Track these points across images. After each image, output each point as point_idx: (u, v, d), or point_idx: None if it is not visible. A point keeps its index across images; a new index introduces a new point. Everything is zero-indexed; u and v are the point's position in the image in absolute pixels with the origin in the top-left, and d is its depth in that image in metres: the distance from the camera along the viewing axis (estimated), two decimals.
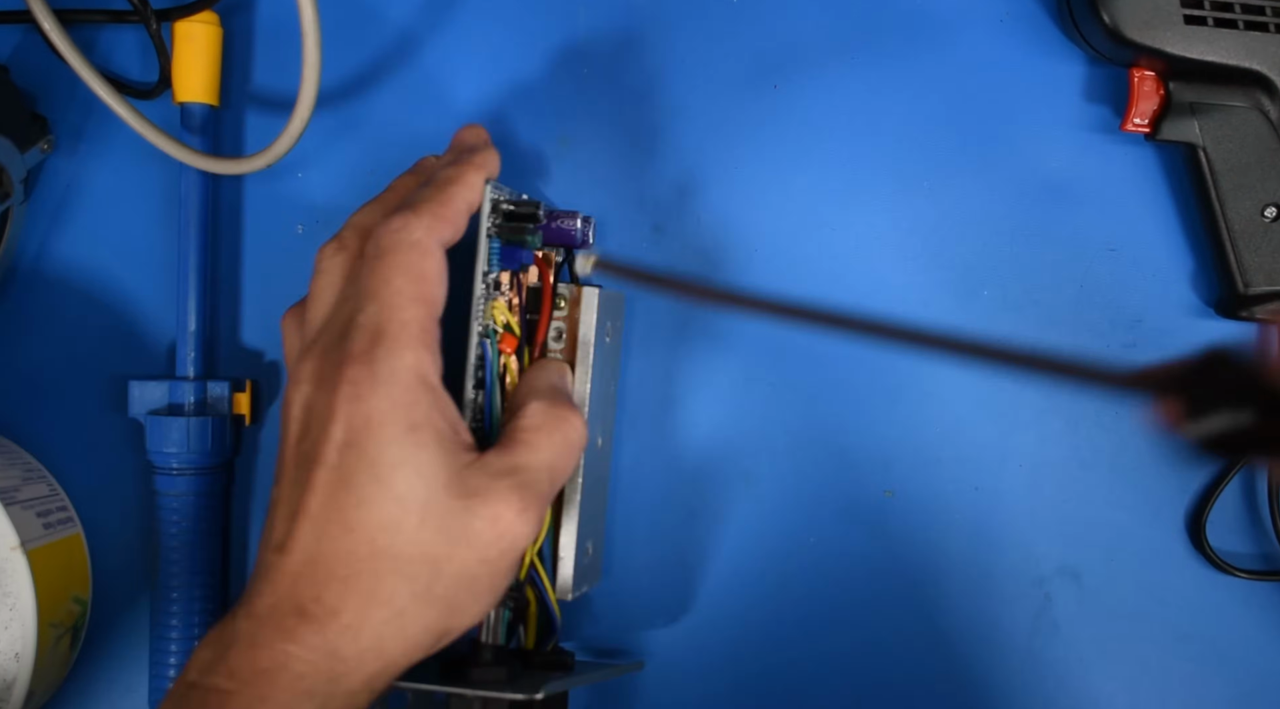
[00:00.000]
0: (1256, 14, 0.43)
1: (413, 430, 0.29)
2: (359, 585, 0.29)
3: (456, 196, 0.32)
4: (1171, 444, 0.28)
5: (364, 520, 0.29)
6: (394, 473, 0.29)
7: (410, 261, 0.30)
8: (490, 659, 0.37)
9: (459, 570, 0.30)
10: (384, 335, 0.29)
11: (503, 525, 0.30)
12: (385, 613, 0.29)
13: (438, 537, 0.29)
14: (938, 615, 0.46)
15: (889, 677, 0.46)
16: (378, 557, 0.29)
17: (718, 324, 0.46)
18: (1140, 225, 0.47)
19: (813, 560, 0.46)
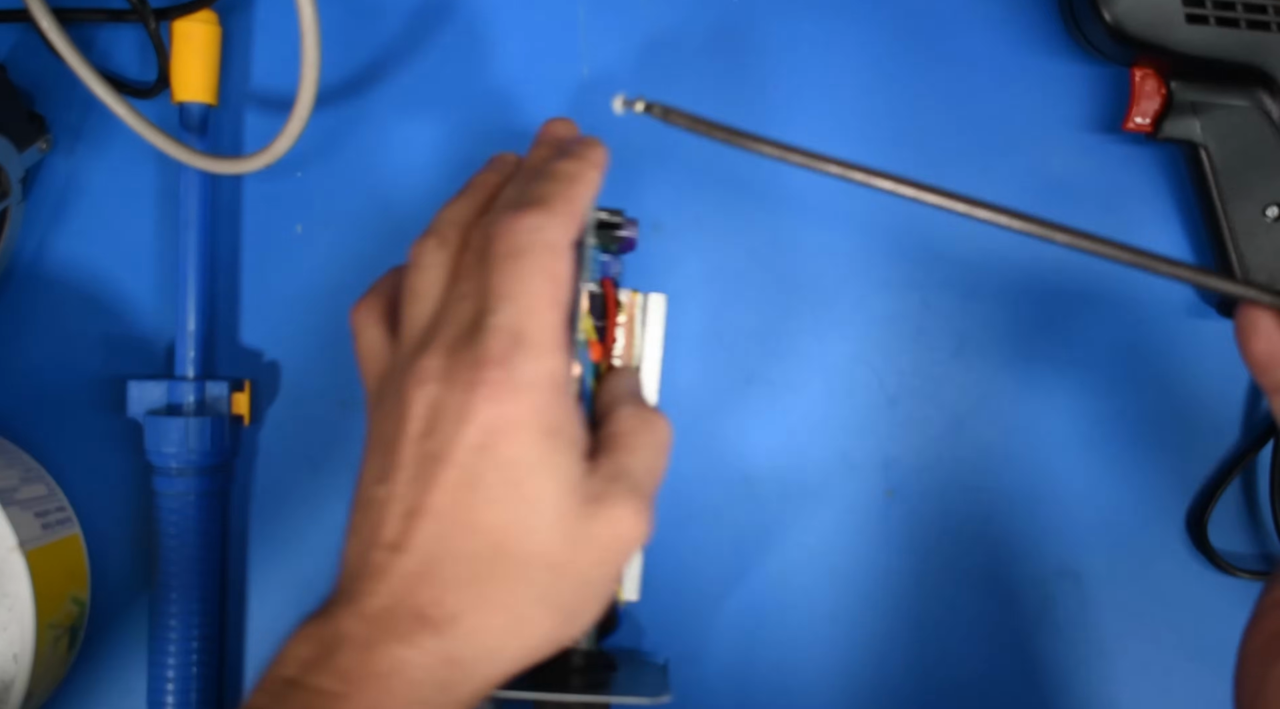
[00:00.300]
0: (1258, 12, 0.43)
1: (549, 435, 0.29)
2: (482, 589, 0.28)
3: (582, 197, 0.32)
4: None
5: (493, 523, 0.29)
6: (530, 476, 0.29)
7: (547, 263, 0.30)
8: (583, 664, 0.37)
9: (579, 575, 0.30)
10: (524, 339, 0.29)
11: (622, 528, 0.30)
12: (506, 618, 0.29)
13: (564, 540, 0.29)
14: (938, 615, 0.46)
15: (889, 676, 0.46)
16: (505, 560, 0.29)
17: (717, 324, 0.46)
18: (1141, 225, 0.47)
19: (813, 560, 0.46)
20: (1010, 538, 0.46)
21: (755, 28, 0.46)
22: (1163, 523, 0.47)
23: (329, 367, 0.45)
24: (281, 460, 0.45)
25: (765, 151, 0.30)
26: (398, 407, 0.30)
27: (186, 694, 0.42)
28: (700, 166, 0.46)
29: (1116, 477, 0.47)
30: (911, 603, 0.46)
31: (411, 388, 0.30)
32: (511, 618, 0.29)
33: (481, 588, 0.29)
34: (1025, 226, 0.31)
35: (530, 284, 0.29)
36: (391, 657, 0.28)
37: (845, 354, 0.46)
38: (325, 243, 0.45)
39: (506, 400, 0.28)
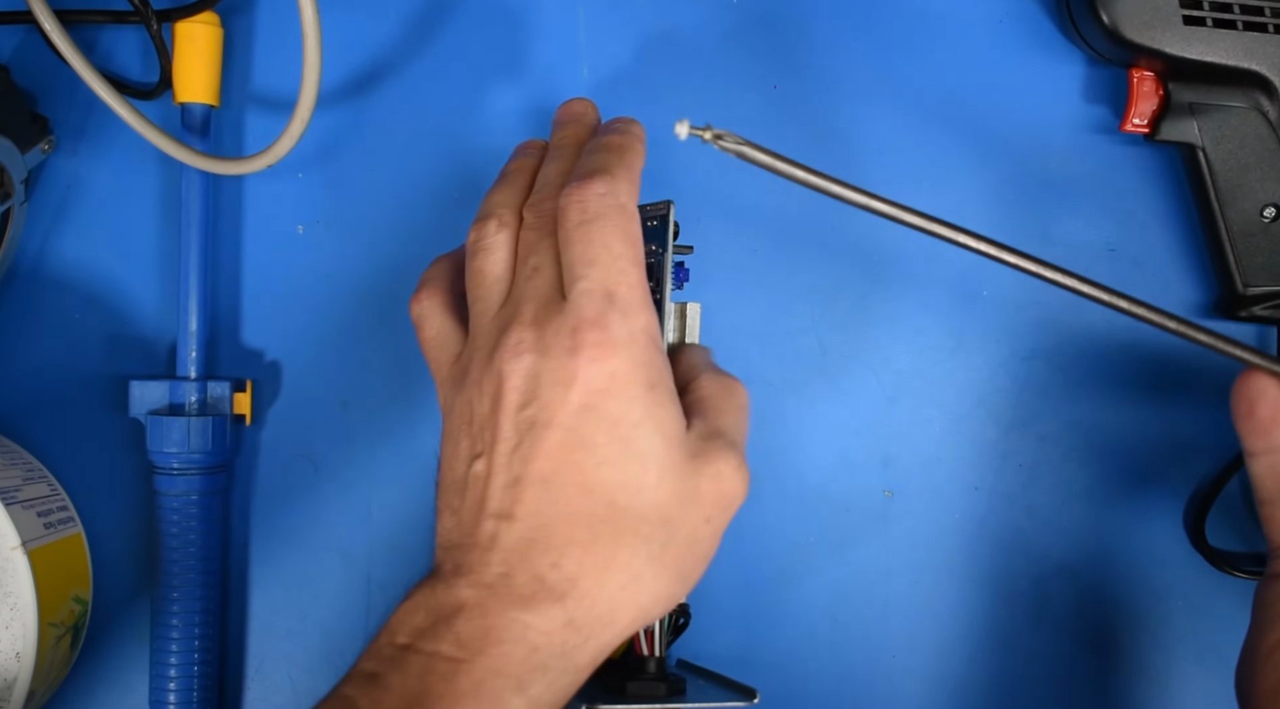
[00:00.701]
0: (1255, 14, 0.43)
1: (651, 388, 0.30)
2: (598, 550, 0.29)
3: (636, 166, 0.33)
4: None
5: (605, 480, 0.29)
6: (636, 431, 0.29)
7: (623, 225, 0.31)
8: (655, 672, 0.38)
9: (690, 532, 0.30)
10: (616, 298, 0.30)
11: (725, 483, 0.30)
12: (623, 577, 0.29)
13: (673, 495, 0.29)
14: (938, 615, 0.46)
15: (888, 676, 0.46)
16: (618, 518, 0.29)
17: (717, 324, 0.46)
18: (1140, 225, 0.47)
19: (813, 560, 0.46)
20: (1009, 537, 0.46)
21: (755, 27, 0.46)
22: (1162, 522, 0.47)
23: (330, 367, 0.45)
24: (282, 460, 0.45)
25: (850, 199, 0.30)
26: (492, 383, 0.30)
27: (188, 693, 0.42)
28: (701, 163, 0.46)
29: (1115, 476, 0.47)
30: (911, 602, 0.46)
31: (506, 362, 0.30)
32: (628, 577, 0.29)
33: (598, 548, 0.29)
34: (1075, 285, 0.31)
35: (612, 246, 0.30)
36: (512, 622, 0.28)
37: (845, 354, 0.46)
38: (326, 243, 0.45)
39: (609, 359, 0.29)
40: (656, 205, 0.39)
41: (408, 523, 0.45)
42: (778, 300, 0.46)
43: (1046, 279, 0.31)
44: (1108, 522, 0.47)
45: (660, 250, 0.38)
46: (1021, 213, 0.47)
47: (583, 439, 0.29)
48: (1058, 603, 0.46)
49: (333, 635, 0.45)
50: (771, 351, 0.46)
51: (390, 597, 0.45)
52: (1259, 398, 0.34)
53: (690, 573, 0.31)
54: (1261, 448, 0.34)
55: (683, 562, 0.30)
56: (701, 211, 0.46)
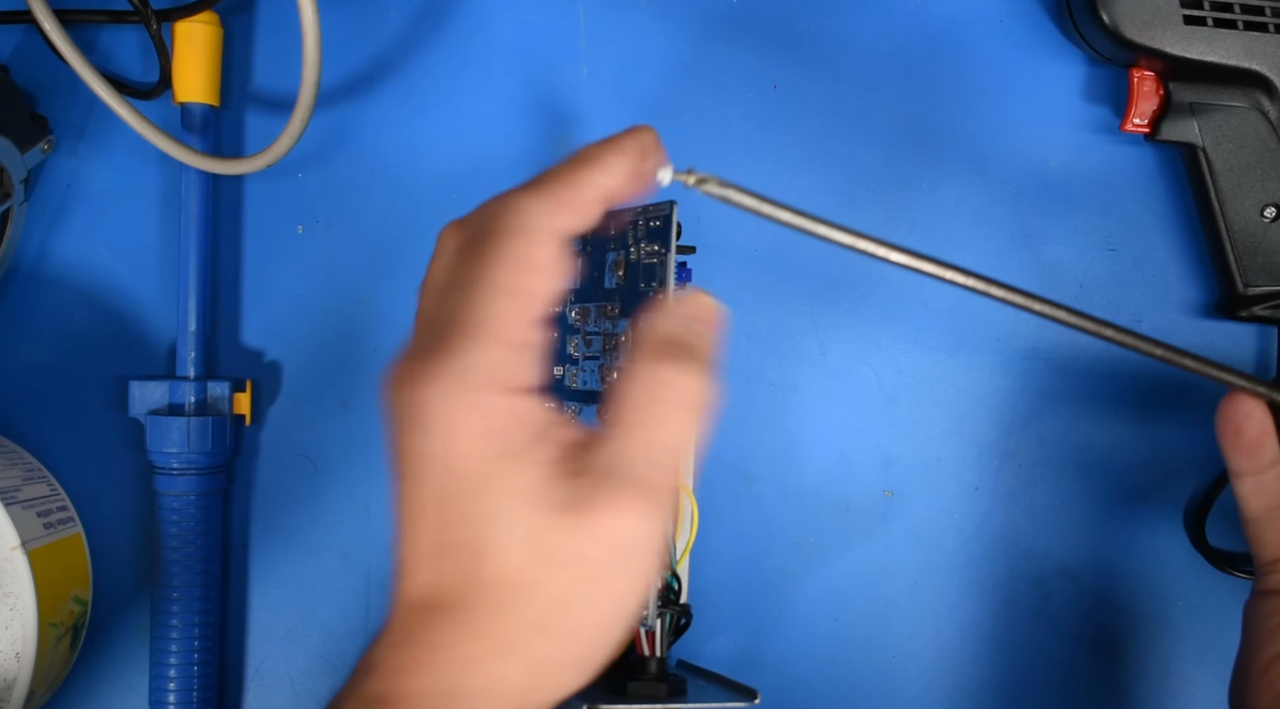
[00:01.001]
0: (1256, 14, 0.43)
1: (495, 439, 0.26)
2: (465, 616, 0.26)
3: (587, 180, 0.28)
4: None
5: (457, 543, 0.26)
6: (482, 487, 0.25)
7: (513, 248, 0.26)
8: (656, 672, 0.38)
9: (559, 596, 0.26)
10: (464, 330, 0.26)
11: (616, 535, 0.25)
12: (495, 645, 0.25)
13: (540, 560, 0.25)
14: (937, 615, 0.46)
15: (889, 676, 0.46)
16: (479, 585, 0.26)
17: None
18: (1140, 225, 0.47)
19: (813, 560, 0.46)
20: (1009, 537, 0.46)
21: (755, 27, 0.46)
22: (1162, 522, 0.47)
23: (330, 366, 0.45)
24: (282, 460, 0.45)
25: (836, 239, 0.29)
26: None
27: (188, 693, 0.42)
28: (701, 163, 0.46)
29: (1116, 476, 0.47)
30: (911, 602, 0.46)
31: (384, 394, 0.27)
32: (502, 645, 0.26)
33: (465, 615, 0.26)
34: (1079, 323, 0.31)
35: (488, 271, 0.26)
36: (400, 687, 0.26)
37: (845, 354, 0.46)
38: (326, 243, 0.45)
39: (438, 403, 0.25)
40: (659, 205, 0.39)
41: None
42: (778, 300, 0.46)
43: (1034, 311, 0.31)
44: (1108, 522, 0.47)
45: (663, 251, 0.38)
46: (1022, 213, 0.47)
47: (431, 495, 0.26)
48: (1058, 603, 0.46)
49: (333, 635, 0.45)
50: (771, 351, 0.46)
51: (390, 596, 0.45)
52: (1245, 419, 0.34)
53: (596, 633, 0.26)
54: (1248, 468, 0.35)
55: (579, 626, 0.26)
56: (703, 211, 0.46)
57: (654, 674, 0.38)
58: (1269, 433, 0.34)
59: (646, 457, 0.26)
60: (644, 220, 0.39)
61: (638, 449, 0.26)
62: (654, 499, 0.26)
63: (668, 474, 0.27)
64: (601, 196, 0.28)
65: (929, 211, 0.46)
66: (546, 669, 0.26)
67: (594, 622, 0.26)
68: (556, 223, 0.27)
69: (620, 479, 0.26)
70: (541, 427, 0.26)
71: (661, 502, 0.26)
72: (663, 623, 0.38)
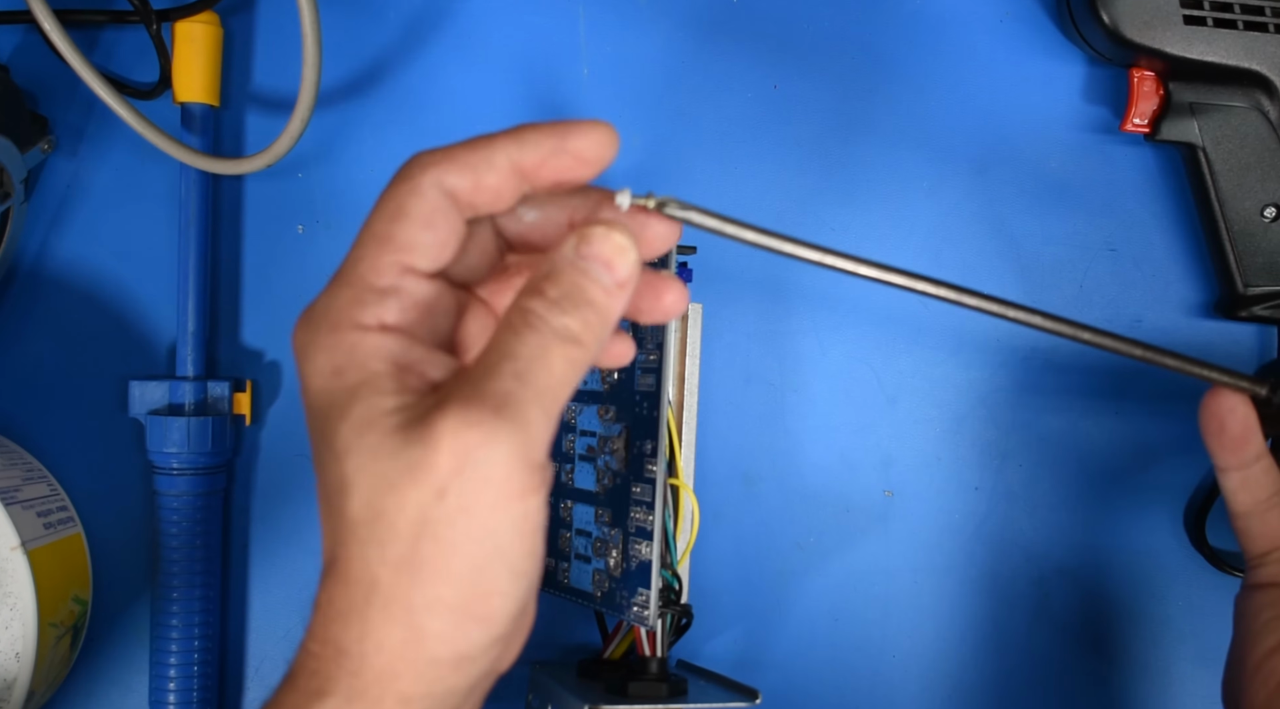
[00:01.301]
0: (1256, 14, 0.43)
1: (339, 374, 0.25)
2: (340, 566, 0.25)
3: (496, 146, 0.26)
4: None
5: (328, 487, 0.25)
6: (337, 422, 0.25)
7: (392, 197, 0.26)
8: (657, 672, 0.38)
9: (426, 518, 0.24)
10: (334, 275, 0.26)
11: (461, 446, 0.23)
12: (365, 593, 0.24)
13: (388, 485, 0.24)
14: (937, 615, 0.46)
15: (889, 676, 0.46)
16: (346, 528, 0.24)
17: (717, 324, 0.46)
18: (1140, 225, 0.47)
19: (813, 560, 0.46)
20: (1009, 537, 0.46)
21: (754, 26, 0.46)
22: (1162, 522, 0.47)
23: None
24: (282, 460, 0.45)
25: (803, 256, 0.28)
26: None
27: (188, 693, 0.42)
28: (701, 163, 0.46)
29: (1115, 476, 0.47)
30: (911, 602, 0.46)
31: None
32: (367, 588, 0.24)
33: (340, 567, 0.24)
34: (1054, 326, 0.31)
35: (369, 219, 0.27)
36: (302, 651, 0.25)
37: (845, 354, 0.46)
38: (326, 243, 0.45)
39: (306, 344, 0.26)
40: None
41: None
42: (778, 300, 0.46)
43: (1009, 318, 0.30)
44: (1107, 522, 0.47)
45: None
46: (1022, 212, 0.47)
47: (313, 441, 0.26)
48: (1057, 603, 0.46)
49: None
50: (771, 351, 0.46)
51: None
52: (1229, 415, 0.34)
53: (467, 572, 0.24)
54: (1234, 463, 0.35)
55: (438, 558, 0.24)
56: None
57: (655, 674, 0.38)
58: (1253, 428, 0.34)
59: (500, 370, 0.24)
60: None
61: (492, 362, 0.25)
62: (504, 413, 0.24)
63: (525, 393, 0.24)
64: (509, 167, 0.26)
65: (929, 211, 0.46)
66: (425, 615, 0.24)
67: (461, 552, 0.24)
68: (445, 178, 0.26)
69: (466, 391, 0.24)
70: (399, 361, 0.25)
71: (515, 418, 0.24)
72: (664, 623, 0.38)
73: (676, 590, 0.40)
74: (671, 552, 0.40)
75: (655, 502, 0.37)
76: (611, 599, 0.39)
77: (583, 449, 0.41)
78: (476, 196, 0.26)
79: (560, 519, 0.42)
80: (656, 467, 0.37)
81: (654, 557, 0.37)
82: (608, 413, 0.40)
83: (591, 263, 0.26)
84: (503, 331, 0.25)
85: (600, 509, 0.40)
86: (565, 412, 0.43)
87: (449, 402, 0.24)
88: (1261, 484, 0.35)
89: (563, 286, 0.25)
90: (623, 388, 0.40)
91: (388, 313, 0.26)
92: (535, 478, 0.24)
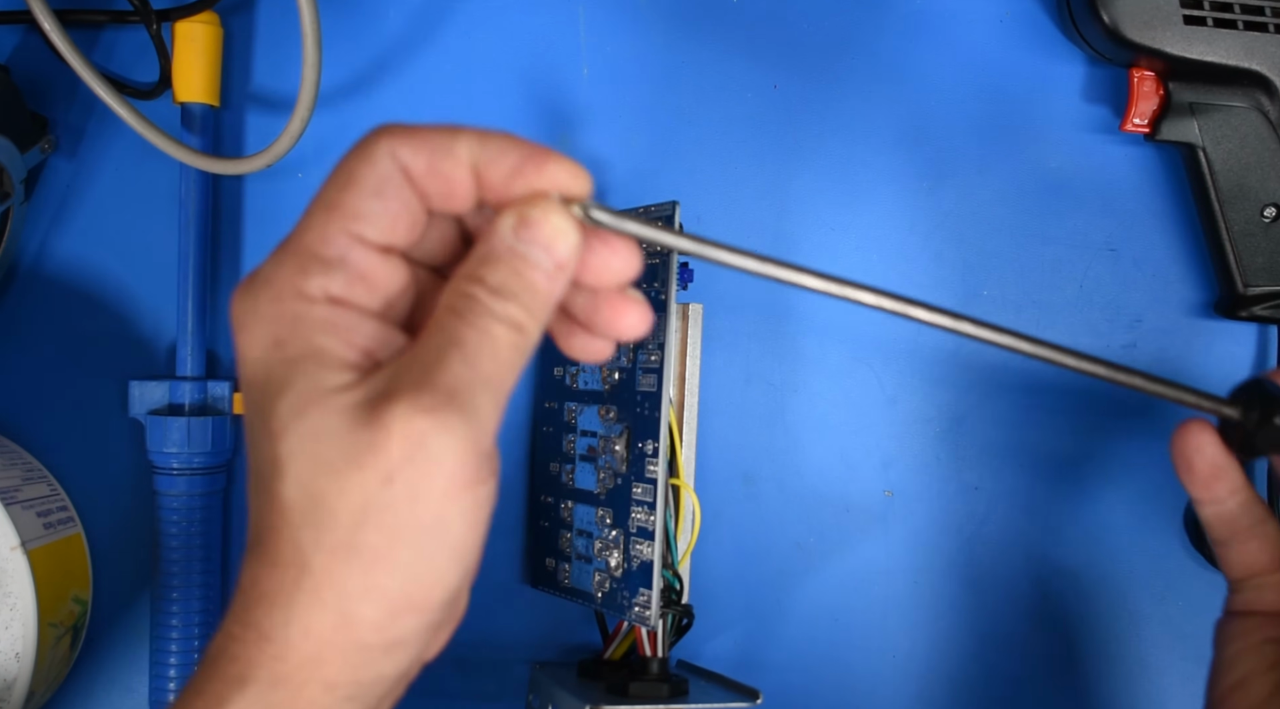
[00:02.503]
0: (1256, 14, 0.43)
1: (277, 345, 0.24)
2: (268, 547, 0.24)
3: (460, 138, 0.25)
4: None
5: (259, 464, 0.24)
6: (273, 396, 0.24)
7: (344, 164, 0.25)
8: (658, 673, 0.38)
9: (367, 503, 0.23)
10: (279, 246, 0.25)
11: (407, 435, 0.23)
12: (295, 576, 0.23)
13: (329, 467, 0.23)
14: (937, 615, 0.46)
15: (889, 676, 0.46)
16: (276, 508, 0.24)
17: (717, 325, 0.46)
18: (1140, 225, 0.47)
19: (813, 560, 0.46)
20: (1009, 537, 0.46)
21: (755, 27, 0.46)
22: (1161, 522, 0.47)
23: None
24: None
25: (736, 264, 0.27)
26: None
27: None
28: (702, 163, 0.46)
29: (1115, 476, 0.47)
30: (910, 602, 0.46)
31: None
32: (298, 572, 0.23)
33: (264, 550, 0.24)
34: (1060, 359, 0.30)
35: (320, 187, 0.25)
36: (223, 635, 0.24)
37: (845, 354, 0.46)
38: None
39: (242, 314, 0.25)
40: (662, 206, 0.39)
41: None
42: (778, 300, 0.46)
43: (964, 333, 0.30)
44: (1107, 522, 0.47)
45: (665, 251, 0.38)
46: (1022, 213, 0.47)
47: (247, 420, 0.25)
48: (1057, 603, 0.46)
49: None
50: (771, 351, 0.46)
51: None
52: (1195, 454, 0.33)
53: (402, 554, 0.23)
54: (1206, 499, 0.34)
55: (376, 543, 0.23)
56: (704, 212, 0.46)
57: (656, 675, 0.38)
58: (1222, 465, 0.33)
59: (448, 357, 0.24)
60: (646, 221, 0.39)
61: (439, 347, 0.24)
62: (456, 402, 0.23)
63: (475, 381, 0.24)
64: (468, 161, 0.25)
65: (929, 211, 0.46)
66: (359, 602, 0.23)
67: (406, 540, 0.23)
68: (399, 150, 0.25)
69: (416, 377, 0.24)
70: (344, 336, 0.25)
71: (466, 406, 0.23)
72: (665, 623, 0.38)
73: (678, 590, 0.40)
74: (673, 552, 0.40)
75: (657, 502, 0.37)
76: (612, 599, 0.39)
77: (583, 449, 0.41)
78: (430, 181, 0.25)
79: (561, 520, 0.42)
80: (658, 467, 0.37)
81: (655, 557, 0.37)
82: (609, 413, 0.40)
83: (530, 246, 0.25)
84: (446, 315, 0.24)
85: (601, 510, 0.40)
86: (566, 412, 0.43)
87: (399, 388, 0.23)
88: (1237, 517, 0.33)
89: (502, 272, 0.25)
90: (624, 388, 0.40)
91: (334, 284, 0.25)
92: (486, 467, 0.24)
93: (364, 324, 0.25)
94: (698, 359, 0.42)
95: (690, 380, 0.42)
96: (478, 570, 0.25)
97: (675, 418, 0.41)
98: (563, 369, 0.43)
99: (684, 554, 0.40)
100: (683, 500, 0.40)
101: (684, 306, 0.42)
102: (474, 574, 0.25)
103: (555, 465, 0.43)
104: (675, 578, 0.40)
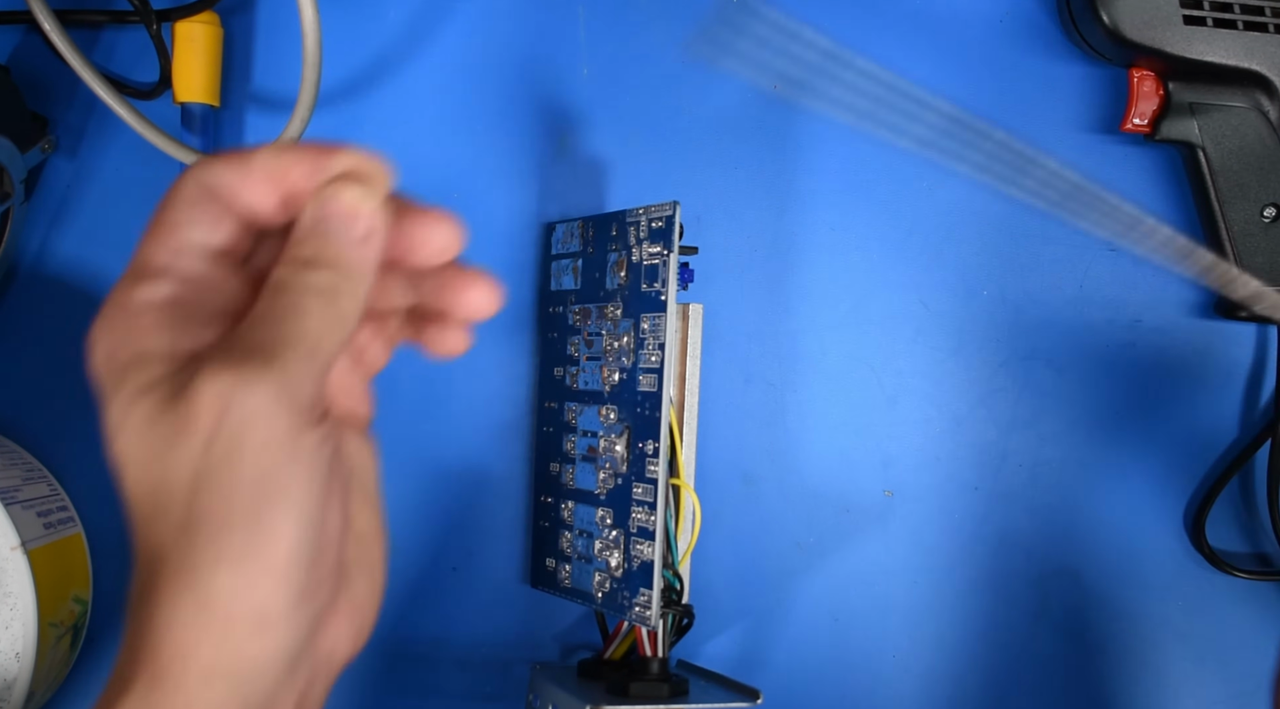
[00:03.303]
0: (1256, 14, 0.43)
1: (111, 354, 0.26)
2: (139, 552, 0.24)
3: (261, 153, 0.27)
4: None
5: (115, 470, 0.25)
6: (109, 413, 0.25)
7: (161, 199, 0.27)
8: (658, 672, 0.38)
9: (193, 480, 0.23)
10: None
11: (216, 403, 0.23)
12: (152, 566, 0.24)
13: (154, 452, 0.24)
14: (937, 615, 0.46)
15: (889, 676, 0.46)
16: (133, 512, 0.24)
17: (717, 324, 0.46)
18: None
19: (813, 560, 0.46)
20: (1009, 537, 0.46)
21: (754, 26, 0.46)
22: (1161, 522, 0.47)
23: None
24: None
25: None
26: None
27: None
28: (702, 163, 0.46)
29: (1115, 476, 0.47)
30: (910, 602, 0.46)
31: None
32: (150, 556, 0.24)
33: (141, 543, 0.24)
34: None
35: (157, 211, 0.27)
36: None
37: (845, 354, 0.46)
38: None
39: (97, 330, 0.27)
40: (662, 206, 0.39)
41: (405, 522, 0.45)
42: (778, 300, 0.46)
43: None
44: (1107, 521, 0.47)
45: (666, 251, 0.38)
46: (1022, 212, 0.47)
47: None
48: (1057, 603, 0.46)
49: None
50: (771, 351, 0.46)
51: (388, 595, 0.45)
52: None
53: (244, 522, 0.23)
54: None
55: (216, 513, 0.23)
56: (704, 212, 0.46)
57: (656, 675, 0.38)
58: None
59: (252, 325, 0.25)
60: (646, 221, 0.39)
61: (247, 321, 0.25)
62: (256, 357, 0.23)
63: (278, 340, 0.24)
64: (265, 172, 0.26)
65: (929, 211, 0.46)
66: (210, 571, 0.23)
67: (237, 496, 0.23)
68: (203, 175, 0.27)
69: (221, 347, 0.24)
70: (170, 337, 0.25)
71: (269, 361, 0.23)
72: (665, 623, 0.38)
73: (678, 590, 0.40)
74: (673, 552, 0.40)
75: (657, 502, 0.37)
76: (613, 599, 0.39)
77: (584, 450, 0.41)
78: (236, 191, 0.27)
79: (561, 520, 0.42)
80: (658, 467, 0.37)
81: (656, 557, 0.37)
82: (609, 414, 0.40)
83: (331, 222, 0.26)
84: (263, 295, 0.25)
85: (601, 510, 0.40)
86: (566, 412, 0.43)
87: (204, 360, 0.24)
88: None
89: (309, 246, 0.26)
90: (624, 389, 0.40)
91: (158, 290, 0.26)
92: (302, 417, 0.24)
93: (194, 325, 0.26)
94: (698, 359, 0.42)
95: (690, 380, 0.42)
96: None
97: (675, 418, 0.41)
98: (563, 370, 0.43)
99: (684, 554, 0.40)
100: (683, 500, 0.40)
101: (684, 307, 0.42)
102: (339, 540, 0.26)
103: (556, 466, 0.43)
104: (675, 578, 0.40)
